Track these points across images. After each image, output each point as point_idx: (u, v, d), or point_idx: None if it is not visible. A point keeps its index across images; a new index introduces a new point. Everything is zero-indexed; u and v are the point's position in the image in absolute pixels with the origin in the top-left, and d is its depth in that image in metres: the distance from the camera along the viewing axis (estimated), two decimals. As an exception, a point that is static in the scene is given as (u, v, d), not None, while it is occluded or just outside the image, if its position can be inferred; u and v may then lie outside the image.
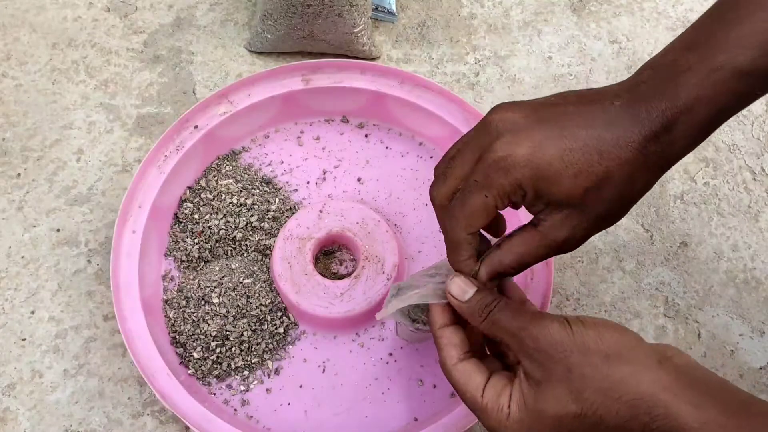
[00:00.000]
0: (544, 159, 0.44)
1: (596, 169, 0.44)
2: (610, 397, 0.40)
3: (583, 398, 0.41)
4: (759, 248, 0.72)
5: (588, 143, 0.44)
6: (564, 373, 0.41)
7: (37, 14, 0.81)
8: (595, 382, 0.41)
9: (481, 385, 0.45)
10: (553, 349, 0.42)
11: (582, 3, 0.84)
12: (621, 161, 0.44)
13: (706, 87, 0.43)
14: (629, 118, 0.44)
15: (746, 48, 0.43)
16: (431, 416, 0.63)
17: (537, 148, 0.44)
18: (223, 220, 0.68)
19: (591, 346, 0.41)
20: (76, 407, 0.64)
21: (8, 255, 0.69)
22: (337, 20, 0.74)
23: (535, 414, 0.42)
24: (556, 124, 0.45)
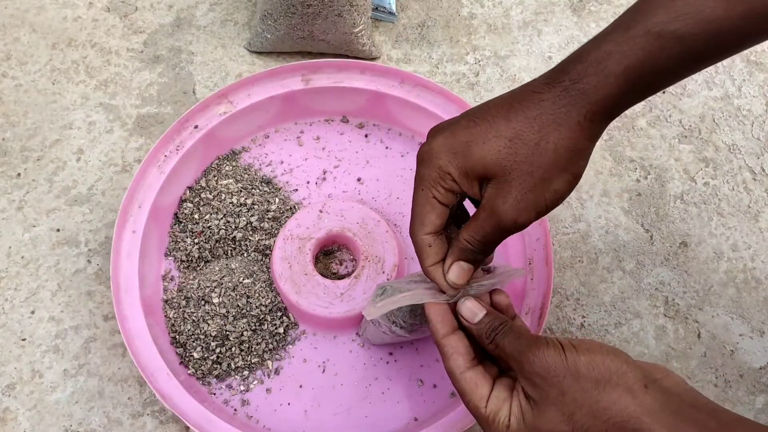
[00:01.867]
0: (455, 139, 0.47)
1: (504, 132, 0.46)
2: (599, 419, 0.43)
3: (574, 420, 0.43)
4: (759, 248, 0.72)
5: (498, 115, 0.47)
6: (557, 396, 0.44)
7: (37, 14, 0.81)
8: (585, 406, 0.43)
9: (485, 396, 0.48)
10: (547, 373, 0.44)
11: (582, 3, 0.84)
12: (529, 119, 0.46)
13: (619, 43, 0.45)
14: (544, 85, 0.46)
15: (662, 12, 0.45)
16: (431, 416, 0.63)
17: (449, 133, 0.48)
18: (223, 220, 0.68)
19: (583, 372, 0.44)
20: (76, 407, 0.64)
21: (8, 255, 0.69)
22: (337, 20, 0.74)
23: (532, 430, 0.45)
24: (471, 113, 0.48)
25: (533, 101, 0.46)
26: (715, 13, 0.45)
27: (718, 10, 0.45)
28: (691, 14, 0.45)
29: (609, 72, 0.45)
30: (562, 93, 0.46)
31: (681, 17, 0.45)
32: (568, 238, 0.72)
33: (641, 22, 0.45)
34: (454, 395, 0.64)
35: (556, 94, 0.46)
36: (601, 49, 0.45)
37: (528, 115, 0.46)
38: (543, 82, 0.47)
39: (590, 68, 0.45)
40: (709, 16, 0.45)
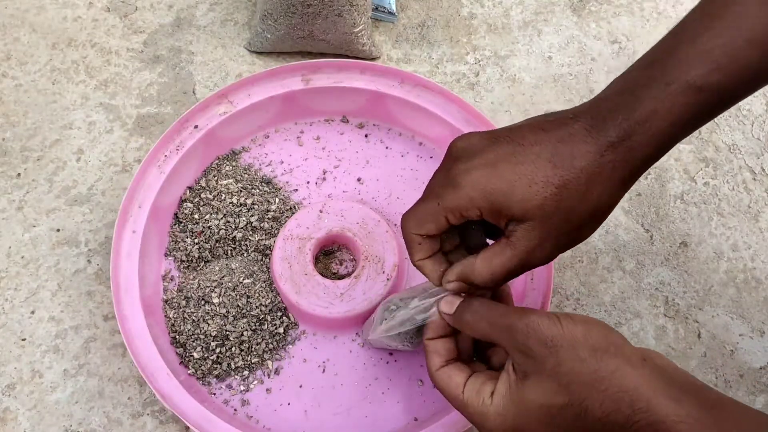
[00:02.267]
0: (496, 174, 0.46)
1: (552, 179, 0.45)
2: (596, 389, 0.42)
3: (570, 390, 0.42)
4: (759, 248, 0.72)
5: (541, 155, 0.46)
6: (554, 366, 0.43)
7: (37, 14, 0.81)
8: (583, 376, 0.42)
9: (461, 383, 0.48)
10: (543, 343, 0.43)
11: (582, 3, 0.84)
12: (576, 170, 0.45)
13: (662, 100, 0.45)
14: (586, 132, 0.46)
15: (700, 63, 0.45)
16: (431, 416, 0.63)
17: (490, 166, 0.46)
18: (223, 220, 0.68)
19: (580, 341, 0.43)
20: (76, 407, 0.64)
21: (8, 255, 0.69)
22: (337, 20, 0.74)
23: (522, 405, 0.44)
24: (511, 143, 0.47)
25: (579, 151, 0.45)
26: (749, 59, 0.45)
27: (752, 56, 0.45)
28: (728, 63, 0.45)
29: (655, 131, 0.45)
30: (610, 149, 0.45)
31: (721, 68, 0.45)
32: (568, 238, 0.72)
33: (680, 75, 0.45)
34: (454, 395, 0.64)
35: (603, 148, 0.45)
36: (644, 107, 0.45)
37: (575, 165, 0.45)
38: (586, 128, 0.46)
39: (637, 127, 0.45)
40: (746, 63, 0.45)
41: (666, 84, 0.45)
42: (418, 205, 0.49)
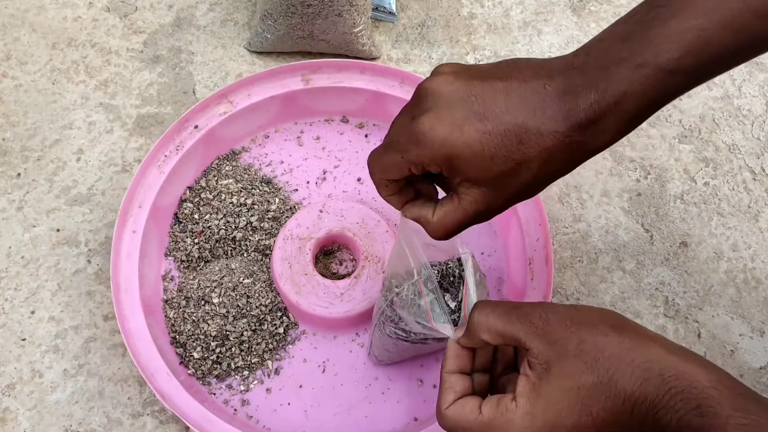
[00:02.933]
0: (461, 140, 0.45)
1: (515, 155, 0.45)
2: (624, 361, 0.41)
3: (598, 365, 0.42)
4: (759, 248, 0.72)
5: (509, 128, 0.45)
6: (578, 344, 0.42)
7: (37, 14, 0.81)
8: (608, 349, 0.42)
9: (476, 405, 0.46)
10: (563, 325, 0.43)
11: (582, 3, 0.84)
12: (541, 148, 0.45)
13: (634, 82, 0.44)
14: (556, 107, 0.45)
15: (672, 45, 0.44)
16: (431, 416, 0.63)
17: (456, 128, 0.45)
18: (223, 220, 0.68)
19: (598, 320, 0.43)
20: (76, 407, 0.64)
21: (8, 255, 0.69)
22: (337, 20, 0.74)
23: (549, 396, 0.43)
24: (484, 103, 0.45)
25: (547, 129, 0.44)
26: (722, 42, 0.44)
27: (726, 38, 0.44)
28: (700, 46, 0.44)
29: (623, 114, 0.45)
30: (577, 130, 0.44)
31: (693, 51, 0.44)
32: (568, 238, 0.72)
33: (652, 59, 0.44)
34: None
35: (571, 129, 0.44)
36: (616, 88, 0.44)
37: (540, 143, 0.44)
38: (557, 101, 0.44)
39: (607, 109, 0.44)
40: (718, 46, 0.44)
41: (637, 66, 0.44)
42: (384, 152, 0.49)
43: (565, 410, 0.42)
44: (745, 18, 0.44)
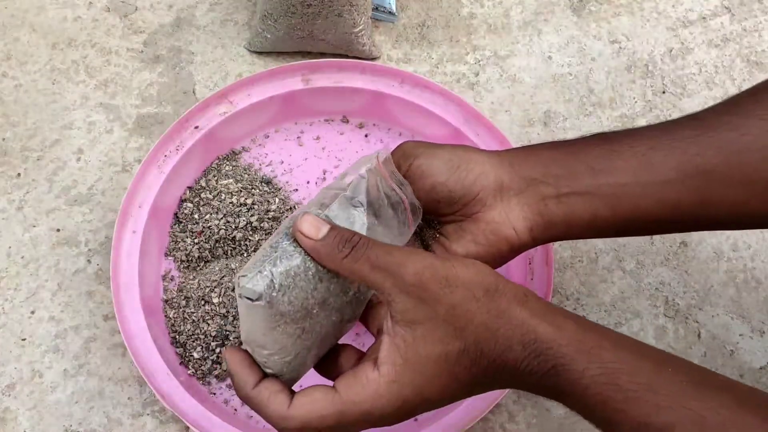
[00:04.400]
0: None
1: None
2: (490, 330, 0.42)
3: (466, 334, 0.42)
4: (759, 248, 0.72)
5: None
6: (449, 309, 0.41)
7: (37, 14, 0.81)
8: (477, 317, 0.42)
9: (326, 389, 0.42)
10: (438, 285, 0.41)
11: (582, 3, 0.84)
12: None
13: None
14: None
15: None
16: (431, 416, 0.63)
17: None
18: (223, 220, 0.68)
19: (475, 281, 0.42)
20: (76, 407, 0.64)
21: (8, 255, 0.69)
22: (337, 20, 0.74)
23: (416, 361, 0.41)
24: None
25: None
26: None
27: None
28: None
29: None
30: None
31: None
32: (568, 238, 0.72)
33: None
34: (454, 395, 0.64)
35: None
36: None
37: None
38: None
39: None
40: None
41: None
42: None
43: (435, 378, 0.42)
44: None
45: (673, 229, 0.51)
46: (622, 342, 0.43)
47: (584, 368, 0.41)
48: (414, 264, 0.41)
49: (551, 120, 0.78)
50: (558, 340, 0.42)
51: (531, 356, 0.42)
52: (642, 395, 0.40)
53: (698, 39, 0.82)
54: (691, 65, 0.81)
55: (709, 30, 0.83)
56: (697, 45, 0.82)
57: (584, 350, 0.42)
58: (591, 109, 0.78)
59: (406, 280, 0.41)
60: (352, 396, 0.42)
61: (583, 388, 0.41)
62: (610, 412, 0.41)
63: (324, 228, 0.42)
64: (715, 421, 0.39)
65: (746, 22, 0.83)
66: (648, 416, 0.40)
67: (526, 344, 0.42)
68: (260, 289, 0.41)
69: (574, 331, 0.43)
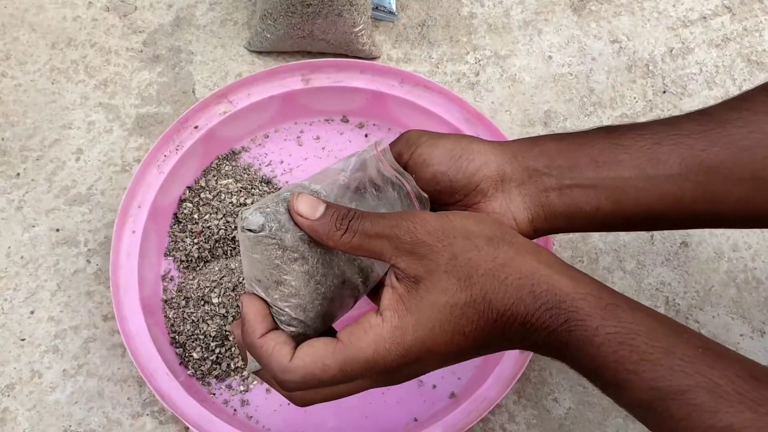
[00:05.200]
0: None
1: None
2: (497, 279, 0.40)
3: (471, 283, 0.40)
4: (759, 248, 0.72)
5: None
6: (449, 260, 0.40)
7: (36, 14, 0.81)
8: (481, 266, 0.40)
9: (327, 340, 0.41)
10: (434, 238, 0.41)
11: (582, 2, 0.84)
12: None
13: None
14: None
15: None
16: (431, 416, 0.63)
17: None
18: (222, 220, 0.68)
19: (474, 231, 0.41)
20: (75, 407, 0.64)
21: (7, 255, 0.69)
22: (337, 20, 0.74)
23: (420, 312, 0.40)
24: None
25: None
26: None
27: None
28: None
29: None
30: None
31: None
32: (568, 237, 0.72)
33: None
34: (453, 395, 0.64)
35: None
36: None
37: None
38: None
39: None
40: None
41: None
42: None
43: (437, 328, 0.41)
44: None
45: (675, 225, 0.51)
46: (639, 305, 0.42)
47: (599, 325, 0.39)
48: (407, 222, 0.41)
49: (551, 120, 0.77)
50: (572, 294, 0.40)
51: (542, 308, 0.40)
52: (657, 358, 0.39)
53: (699, 39, 0.82)
54: (691, 65, 0.81)
55: (710, 30, 0.83)
56: (698, 45, 0.82)
57: (601, 306, 0.40)
58: (591, 109, 0.78)
59: (402, 239, 0.40)
60: (355, 341, 0.41)
61: (597, 347, 0.39)
62: (623, 373, 0.39)
63: (321, 207, 0.42)
64: (730, 389, 0.37)
65: (747, 21, 0.83)
66: (661, 379, 0.38)
67: (537, 295, 0.40)
68: (262, 221, 0.41)
69: (591, 285, 0.41)
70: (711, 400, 0.37)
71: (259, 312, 0.43)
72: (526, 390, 0.65)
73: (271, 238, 0.41)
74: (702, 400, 0.38)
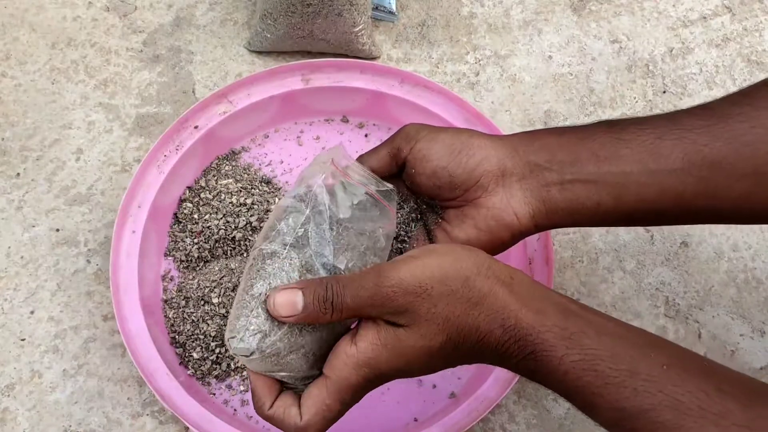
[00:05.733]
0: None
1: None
2: (471, 317, 0.43)
3: (448, 326, 0.43)
4: (759, 248, 0.72)
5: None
6: (429, 309, 0.43)
7: (36, 14, 0.81)
8: (458, 308, 0.43)
9: (290, 398, 0.45)
10: (413, 296, 0.42)
11: (582, 2, 0.84)
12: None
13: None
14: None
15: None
16: (431, 416, 0.63)
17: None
18: (222, 220, 0.68)
19: (449, 272, 0.43)
20: (75, 407, 0.64)
21: (8, 255, 0.69)
22: (337, 19, 0.74)
23: (396, 350, 0.43)
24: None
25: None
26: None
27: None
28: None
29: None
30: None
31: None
32: (568, 237, 0.72)
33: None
34: (453, 395, 0.64)
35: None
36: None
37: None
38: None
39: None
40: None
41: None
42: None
43: (414, 361, 0.44)
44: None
45: (676, 220, 0.51)
46: (607, 327, 0.43)
47: (563, 354, 0.42)
48: (386, 291, 0.42)
49: (551, 120, 0.77)
50: (537, 327, 0.42)
51: (510, 341, 0.43)
52: (621, 380, 0.41)
53: (699, 39, 0.82)
54: (691, 65, 0.81)
55: (710, 30, 0.83)
56: (698, 45, 0.82)
57: (565, 336, 0.42)
58: (591, 109, 0.78)
59: (385, 306, 0.43)
60: (339, 373, 0.44)
61: (562, 374, 0.42)
62: (589, 396, 0.42)
63: (299, 301, 0.43)
64: (693, 405, 0.39)
65: (747, 21, 0.83)
66: (625, 400, 0.40)
67: (506, 329, 0.43)
68: (253, 346, 0.44)
69: (557, 317, 0.43)
70: (674, 418, 0.39)
71: (265, 385, 0.46)
72: (526, 390, 0.65)
73: (262, 356, 0.44)
74: (665, 417, 0.40)
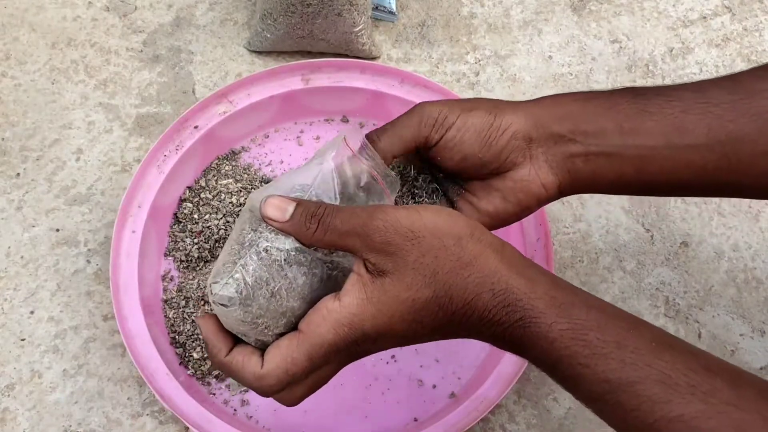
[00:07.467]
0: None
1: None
2: (460, 276, 0.42)
3: (436, 281, 0.42)
4: (759, 248, 0.72)
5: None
6: (417, 258, 0.42)
7: (36, 14, 0.81)
8: (447, 264, 0.42)
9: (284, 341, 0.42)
10: (403, 237, 0.42)
11: (582, 2, 0.84)
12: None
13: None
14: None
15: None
16: (431, 416, 0.63)
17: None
18: (222, 219, 0.68)
19: (443, 228, 0.42)
20: (75, 407, 0.63)
21: (7, 255, 0.69)
22: (337, 19, 0.74)
23: (382, 302, 0.42)
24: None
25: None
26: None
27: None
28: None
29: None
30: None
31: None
32: (568, 237, 0.72)
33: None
34: (453, 395, 0.64)
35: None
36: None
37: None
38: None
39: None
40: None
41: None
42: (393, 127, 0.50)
43: (397, 317, 0.42)
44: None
45: (697, 193, 0.51)
46: (595, 302, 0.43)
47: (552, 322, 0.41)
48: (377, 222, 0.42)
49: (551, 120, 0.77)
50: (529, 293, 0.42)
51: (499, 305, 0.42)
52: (608, 351, 0.40)
53: (699, 38, 0.82)
54: (691, 65, 0.81)
55: (710, 29, 0.83)
56: (698, 44, 0.82)
57: (555, 305, 0.42)
58: (591, 109, 0.78)
59: (372, 238, 0.42)
60: (314, 329, 0.42)
61: (550, 342, 0.41)
62: (576, 367, 0.41)
63: (290, 208, 0.43)
64: (681, 381, 0.39)
65: (747, 21, 0.83)
66: (612, 372, 0.40)
67: (496, 293, 0.42)
68: (233, 294, 0.42)
69: (547, 286, 0.42)
70: (662, 391, 0.39)
71: (217, 330, 0.44)
72: (526, 390, 0.65)
73: (242, 307, 0.42)
74: (653, 391, 0.39)
